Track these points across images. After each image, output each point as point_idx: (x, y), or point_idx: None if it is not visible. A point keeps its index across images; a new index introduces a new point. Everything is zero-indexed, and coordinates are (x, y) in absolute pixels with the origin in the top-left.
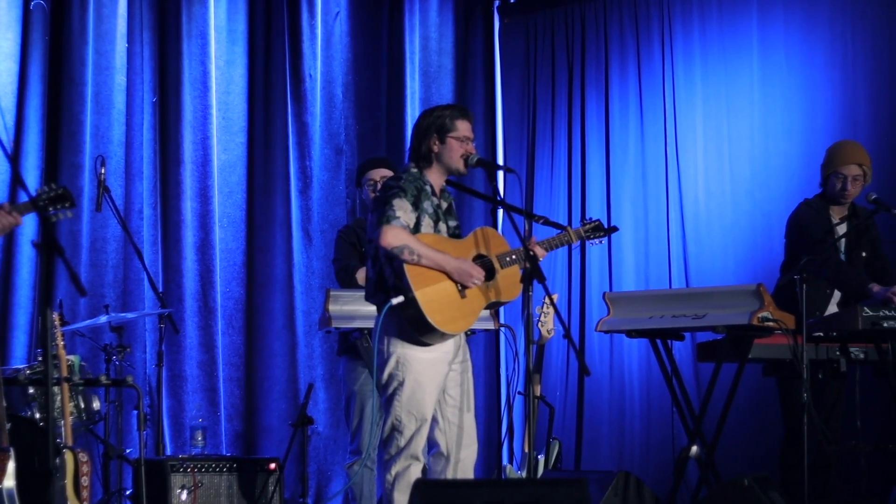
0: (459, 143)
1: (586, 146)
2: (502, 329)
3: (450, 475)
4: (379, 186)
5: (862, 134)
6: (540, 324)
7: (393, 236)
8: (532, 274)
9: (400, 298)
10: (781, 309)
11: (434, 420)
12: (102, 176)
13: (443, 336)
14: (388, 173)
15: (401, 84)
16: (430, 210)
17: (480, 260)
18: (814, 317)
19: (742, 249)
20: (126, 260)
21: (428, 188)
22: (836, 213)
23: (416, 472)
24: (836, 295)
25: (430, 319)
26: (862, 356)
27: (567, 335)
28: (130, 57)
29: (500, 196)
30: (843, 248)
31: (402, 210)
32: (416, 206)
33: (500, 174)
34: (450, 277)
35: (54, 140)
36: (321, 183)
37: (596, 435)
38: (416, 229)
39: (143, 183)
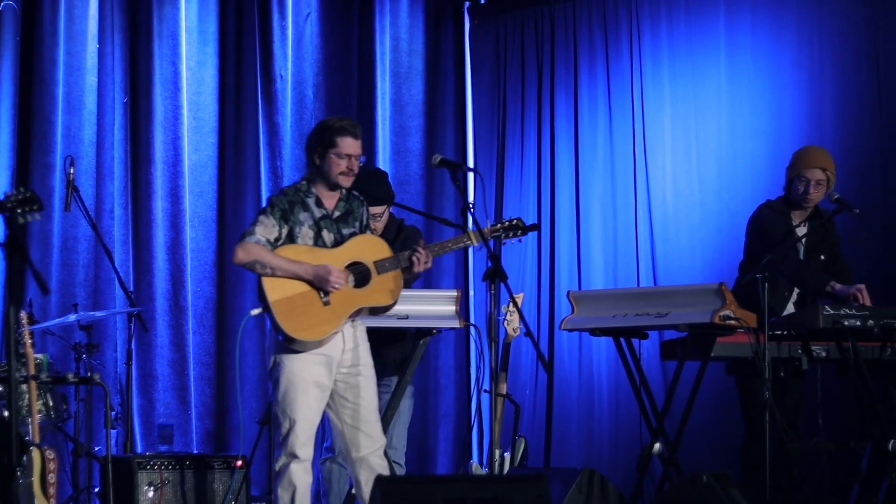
0: (339, 159)
1: (556, 146)
2: (470, 327)
3: (356, 475)
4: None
5: (828, 135)
6: (506, 322)
7: (244, 253)
8: (494, 273)
9: (258, 310)
10: (741, 308)
11: (332, 423)
12: (71, 176)
13: (312, 343)
14: (379, 210)
15: (371, 85)
16: (310, 221)
17: (356, 266)
18: (772, 317)
19: (709, 249)
20: (97, 259)
21: (311, 200)
22: (798, 217)
23: (297, 470)
24: (794, 296)
25: (283, 327)
26: (824, 354)
27: (528, 334)
28: (101, 58)
29: (469, 198)
30: (802, 251)
31: (262, 226)
32: (286, 219)
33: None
34: (310, 285)
35: (25, 140)
36: (292, 183)
37: (565, 433)
38: (290, 240)
39: (115, 183)
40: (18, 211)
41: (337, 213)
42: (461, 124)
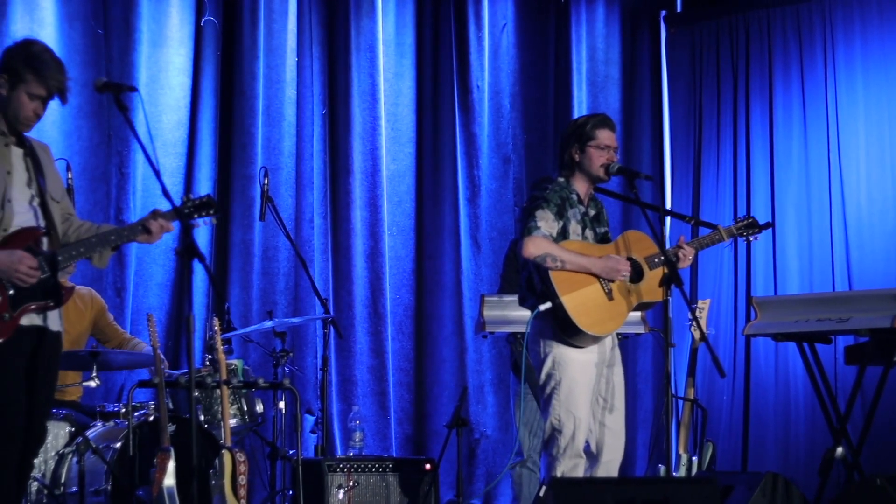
0: (599, 151)
1: (751, 153)
2: (653, 333)
3: (596, 475)
4: None
5: None
6: (692, 328)
7: (534, 246)
8: (671, 279)
9: (547, 304)
10: None
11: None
12: (266, 187)
13: (593, 338)
14: None
15: (568, 94)
16: (577, 218)
17: (628, 262)
18: None
19: None
20: (297, 268)
21: (574, 196)
22: None
23: (582, 470)
24: None
25: (577, 323)
26: None
27: (703, 339)
28: (300, 70)
29: (646, 202)
30: None
31: (544, 220)
32: (561, 214)
33: (668, 182)
34: (597, 277)
35: (226, 152)
36: (489, 192)
37: (762, 437)
38: (563, 237)
39: (314, 193)
40: (195, 216)
41: (593, 212)
42: (658, 133)
